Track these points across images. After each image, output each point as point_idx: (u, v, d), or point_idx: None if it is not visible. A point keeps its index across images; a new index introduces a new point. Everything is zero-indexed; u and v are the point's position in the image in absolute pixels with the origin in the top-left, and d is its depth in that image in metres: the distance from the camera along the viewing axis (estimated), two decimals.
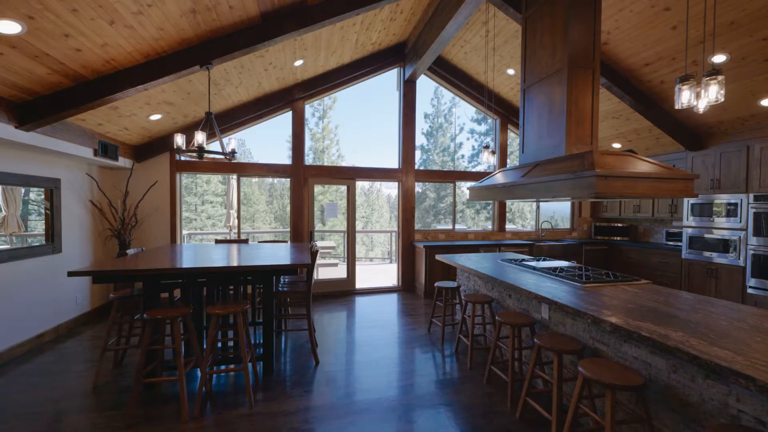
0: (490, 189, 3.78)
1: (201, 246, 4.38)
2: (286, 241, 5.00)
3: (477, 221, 21.08)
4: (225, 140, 5.61)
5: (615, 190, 2.43)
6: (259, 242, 4.90)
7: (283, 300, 4.17)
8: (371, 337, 4.21)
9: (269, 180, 22.79)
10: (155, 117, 4.59)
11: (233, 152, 3.58)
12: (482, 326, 3.91)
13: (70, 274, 2.55)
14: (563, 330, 2.72)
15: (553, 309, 2.82)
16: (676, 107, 2.34)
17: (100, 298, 5.00)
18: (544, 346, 2.35)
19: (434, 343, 4.02)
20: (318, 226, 17.95)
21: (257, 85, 5.12)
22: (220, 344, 3.55)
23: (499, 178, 3.75)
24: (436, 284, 4.23)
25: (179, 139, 3.44)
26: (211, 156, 3.79)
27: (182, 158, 5.70)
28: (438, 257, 4.49)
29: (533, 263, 3.70)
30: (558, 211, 8.40)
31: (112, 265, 2.88)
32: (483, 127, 23.19)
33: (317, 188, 16.65)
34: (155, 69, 3.36)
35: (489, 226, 7.42)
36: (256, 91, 5.32)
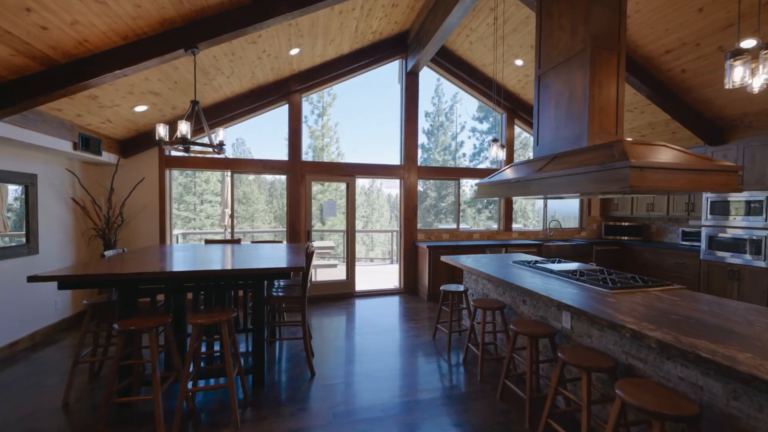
0: (500, 185, 3.48)
1: (189, 247, 4.08)
2: (281, 242, 4.70)
3: (478, 221, 20.79)
4: (213, 132, 5.31)
5: (651, 184, 2.12)
6: (252, 242, 4.60)
7: (277, 306, 3.87)
8: (372, 345, 3.91)
9: (269, 178, 22.49)
10: (140, 108, 4.29)
11: (221, 144, 3.27)
12: (492, 334, 3.60)
13: (30, 279, 2.24)
14: (589, 342, 2.42)
15: (576, 318, 2.51)
16: (727, 86, 2.04)
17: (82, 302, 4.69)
18: (569, 362, 2.05)
19: (440, 352, 3.72)
20: (317, 226, 17.65)
21: (251, 75, 4.82)
22: (205, 355, 3.24)
23: (510, 173, 3.45)
24: (441, 288, 3.93)
25: (162, 130, 3.13)
26: (197, 148, 3.49)
27: (172, 153, 5.40)
28: (444, 258, 4.19)
29: (549, 265, 3.40)
30: (560, 210, 7.91)
31: (83, 268, 2.57)
32: (485, 126, 22.91)
33: (316, 187, 16.35)
34: (135, 52, 3.05)
35: (493, 225, 7.12)
36: (250, 82, 5.01)
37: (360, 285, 6.49)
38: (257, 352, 2.90)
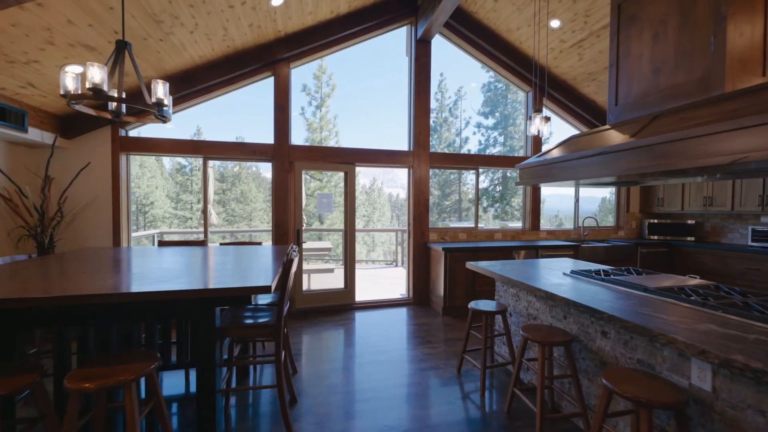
0: (557, 166, 2.47)
1: (132, 251, 3.07)
2: (260, 243, 3.68)
3: (483, 219, 19.71)
4: (155, 83, 4.30)
5: None
6: (223, 244, 3.59)
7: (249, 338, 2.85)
8: (377, 383, 2.90)
9: (269, 176, 21.53)
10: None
11: (160, 104, 2.26)
12: (541, 370, 2.58)
13: None
14: (752, 419, 1.40)
15: (727, 377, 1.50)
16: None
17: None
18: None
19: (471, 395, 2.71)
20: (315, 224, 16.62)
21: (223, 32, 3.80)
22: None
23: (562, 151, 2.44)
24: (471, 306, 2.91)
25: (70, 81, 2.12)
26: (117, 106, 2.47)
27: (130, 134, 4.39)
28: (471, 266, 3.18)
29: (630, 278, 2.38)
30: (563, 210, 6.58)
31: None
32: (490, 121, 21.92)
33: (314, 183, 15.30)
34: None
35: (510, 224, 6.10)
36: (223, 43, 4.00)
37: (361, 294, 5.49)
38: (203, 420, 1.88)
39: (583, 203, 6.27)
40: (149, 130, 4.60)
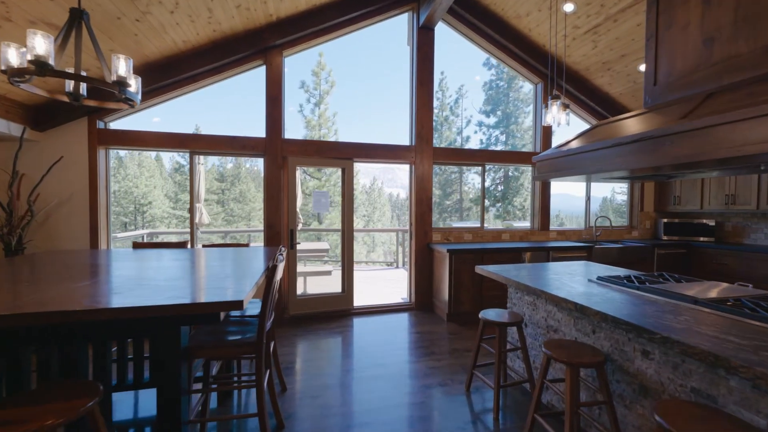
0: (585, 156, 2.14)
1: (101, 254, 2.74)
2: (246, 245, 3.35)
3: (486, 219, 19.39)
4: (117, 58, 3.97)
5: None
6: (206, 246, 3.27)
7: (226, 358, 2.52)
8: (377, 402, 2.57)
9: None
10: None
11: (122, 83, 1.93)
12: (570, 396, 2.25)
13: None
14: None
15: None
16: None
17: None
18: None
19: (482, 417, 2.38)
20: (314, 225, 16.28)
21: (207, 14, 3.47)
22: None
23: (586, 140, 2.11)
24: (481, 315, 2.58)
25: (12, 54, 1.79)
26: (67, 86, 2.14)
27: (110, 126, 4.06)
28: (481, 270, 2.85)
29: (669, 287, 2.04)
30: (564, 210, 6.12)
31: None
32: (492, 120, 21.62)
33: (312, 182, 14.96)
34: None
35: (516, 224, 5.77)
36: (209, 27, 3.67)
37: (359, 299, 5.16)
38: None
39: (583, 202, 5.94)
40: (131, 122, 4.27)
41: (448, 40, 4.98)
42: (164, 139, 4.08)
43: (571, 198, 5.77)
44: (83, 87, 2.18)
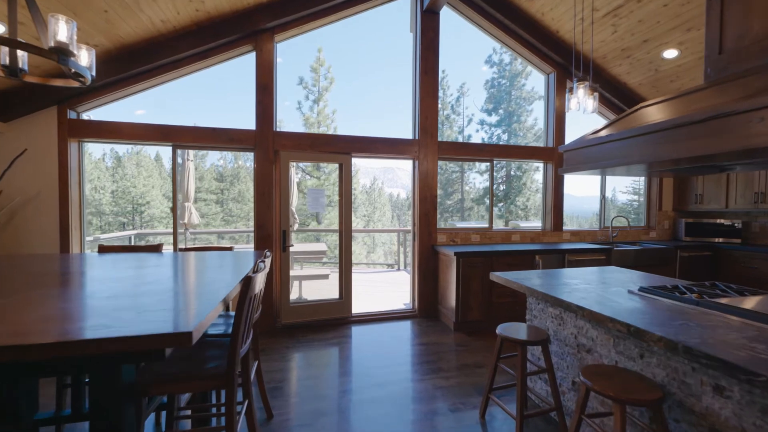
0: (629, 142, 1.76)
1: (58, 259, 2.37)
2: (230, 248, 2.97)
3: (486, 219, 19.02)
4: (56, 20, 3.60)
5: None
6: (180, 250, 2.89)
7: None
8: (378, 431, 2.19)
9: None
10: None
11: (62, 50, 1.56)
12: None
13: None
14: None
15: None
16: None
17: None
18: None
19: None
20: (312, 225, 15.89)
21: None
22: None
23: (624, 125, 1.74)
24: (499, 331, 2.21)
25: None
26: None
27: (83, 117, 3.69)
28: (495, 277, 2.47)
29: (742, 303, 1.67)
30: (566, 210, 5.38)
31: None
32: (494, 118, 21.27)
33: (311, 181, 14.58)
34: None
35: (523, 224, 5.39)
36: (190, 5, 3.29)
37: (358, 304, 4.78)
38: None
39: (583, 203, 5.57)
40: (112, 114, 3.90)
41: (451, 34, 4.58)
42: (143, 130, 3.70)
43: (571, 198, 5.40)
44: (24, 60, 1.81)
